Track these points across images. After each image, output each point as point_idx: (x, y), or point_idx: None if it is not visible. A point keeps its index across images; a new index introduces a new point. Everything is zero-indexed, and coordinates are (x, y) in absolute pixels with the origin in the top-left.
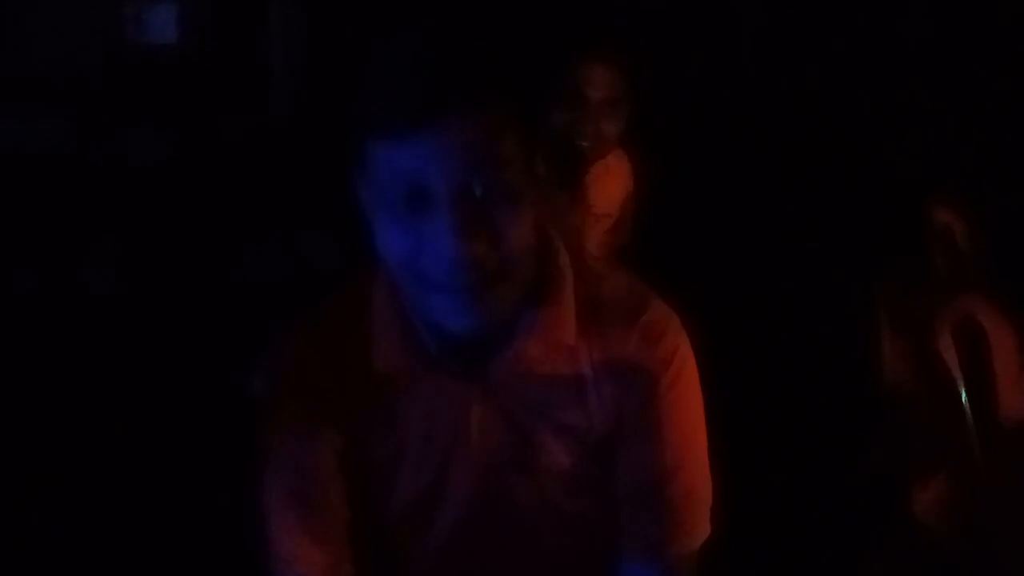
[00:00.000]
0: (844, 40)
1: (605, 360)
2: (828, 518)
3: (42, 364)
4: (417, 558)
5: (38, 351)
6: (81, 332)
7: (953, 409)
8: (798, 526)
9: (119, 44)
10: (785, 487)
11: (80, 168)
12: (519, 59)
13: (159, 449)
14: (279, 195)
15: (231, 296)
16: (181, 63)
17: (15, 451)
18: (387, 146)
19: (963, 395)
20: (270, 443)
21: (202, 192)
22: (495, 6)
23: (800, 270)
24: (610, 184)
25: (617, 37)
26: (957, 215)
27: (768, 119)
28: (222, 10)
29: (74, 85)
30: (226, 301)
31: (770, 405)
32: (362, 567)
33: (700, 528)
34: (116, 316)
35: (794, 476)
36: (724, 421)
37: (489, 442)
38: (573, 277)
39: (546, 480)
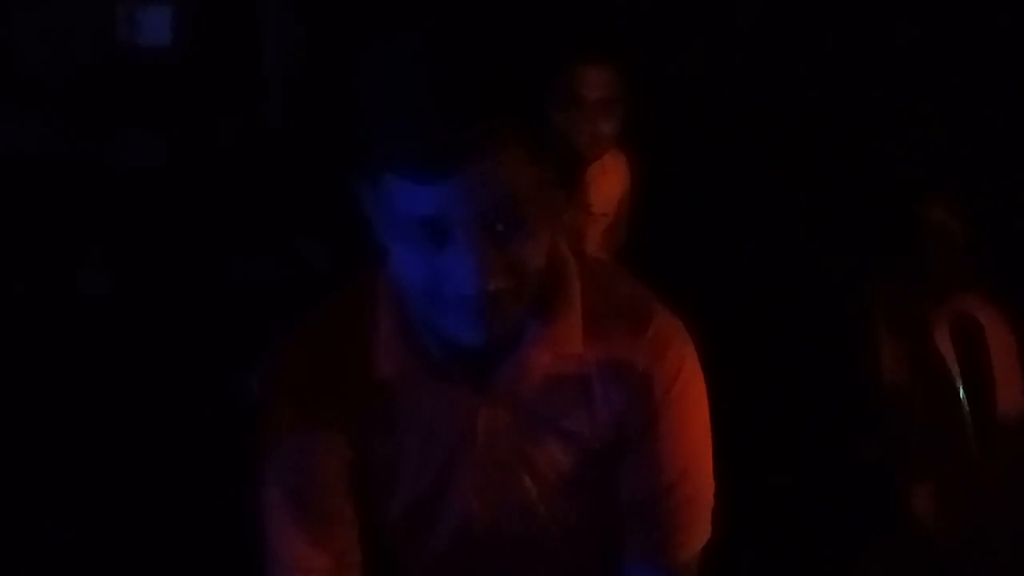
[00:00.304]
0: (841, 40)
1: (611, 369)
2: (828, 518)
3: (39, 366)
4: (418, 562)
5: (35, 353)
6: (78, 335)
7: (951, 407)
8: (798, 526)
9: (115, 46)
10: (785, 487)
11: (76, 171)
12: (532, 83)
13: (156, 451)
14: (276, 197)
15: (228, 298)
16: (177, 66)
17: (12, 452)
18: (405, 185)
19: (961, 393)
20: (268, 446)
21: (199, 194)
22: (488, 9)
23: (797, 269)
24: (607, 184)
25: (612, 37)
26: (953, 214)
27: (765, 119)
28: (217, 12)
29: (70, 88)
30: (223, 303)
31: (770, 405)
32: (363, 571)
33: (702, 532)
34: (113, 319)
35: (794, 476)
36: (724, 421)
37: (493, 447)
38: (579, 284)
39: (548, 485)
